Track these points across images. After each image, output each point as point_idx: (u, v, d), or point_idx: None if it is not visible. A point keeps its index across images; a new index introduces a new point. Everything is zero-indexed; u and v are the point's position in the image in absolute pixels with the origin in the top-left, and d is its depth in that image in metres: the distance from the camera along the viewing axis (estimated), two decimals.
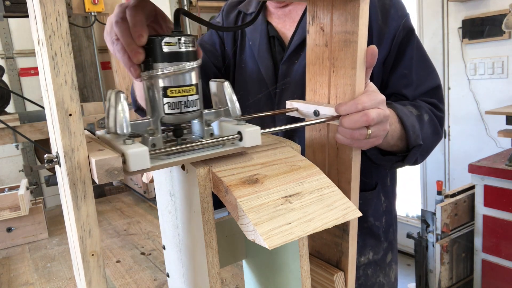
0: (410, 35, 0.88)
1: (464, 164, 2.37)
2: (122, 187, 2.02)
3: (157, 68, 0.48)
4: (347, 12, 0.57)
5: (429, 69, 0.91)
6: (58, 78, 0.38)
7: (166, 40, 0.47)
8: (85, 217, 0.41)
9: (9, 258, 1.29)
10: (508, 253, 2.07)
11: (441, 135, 0.90)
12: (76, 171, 0.40)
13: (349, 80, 0.60)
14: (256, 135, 0.50)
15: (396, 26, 0.86)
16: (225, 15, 1.05)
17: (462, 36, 2.70)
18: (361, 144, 0.62)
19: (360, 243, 0.97)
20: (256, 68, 0.97)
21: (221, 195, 0.48)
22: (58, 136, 0.40)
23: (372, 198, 0.97)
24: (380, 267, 1.02)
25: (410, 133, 0.77)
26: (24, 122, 1.63)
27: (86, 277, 0.43)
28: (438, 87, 0.92)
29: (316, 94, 0.66)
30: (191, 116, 0.51)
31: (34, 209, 1.42)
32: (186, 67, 0.48)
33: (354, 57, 0.58)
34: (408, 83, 0.88)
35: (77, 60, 2.31)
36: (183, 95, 0.49)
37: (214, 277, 0.50)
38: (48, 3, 0.36)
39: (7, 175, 2.22)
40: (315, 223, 0.45)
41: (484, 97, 2.68)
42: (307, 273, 0.57)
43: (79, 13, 1.85)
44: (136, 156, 0.41)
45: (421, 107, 0.86)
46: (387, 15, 0.86)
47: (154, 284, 1.02)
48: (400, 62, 0.88)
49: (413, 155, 0.80)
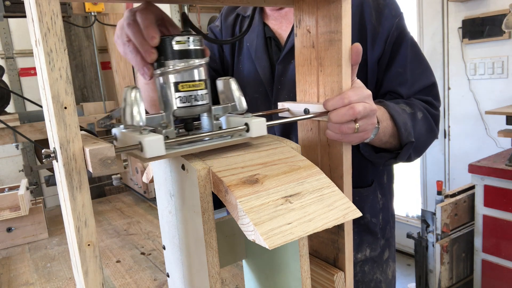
0: (404, 34, 0.90)
1: (464, 164, 2.37)
2: (122, 187, 2.02)
3: (169, 65, 0.52)
4: (330, 13, 0.60)
5: (423, 67, 0.92)
6: (54, 72, 0.40)
7: (177, 39, 0.52)
8: (81, 207, 0.43)
9: (9, 258, 1.29)
10: (508, 253, 2.07)
11: (436, 132, 0.91)
12: (72, 162, 0.41)
13: (336, 78, 0.62)
14: (262, 126, 0.54)
15: (389, 25, 0.88)
16: (223, 18, 1.07)
17: (462, 36, 2.70)
18: (350, 139, 0.63)
19: (357, 239, 0.99)
20: (254, 69, 0.99)
21: (221, 195, 0.48)
22: (54, 128, 0.41)
23: (369, 194, 0.98)
24: (377, 264, 1.03)
25: (402, 130, 0.79)
26: (24, 122, 1.63)
27: (83, 267, 0.44)
28: (433, 85, 0.93)
29: (306, 94, 0.68)
30: (200, 110, 0.55)
31: (34, 209, 1.42)
32: (195, 63, 0.52)
33: (339, 55, 0.60)
34: (403, 81, 0.90)
35: (77, 60, 2.31)
36: (193, 89, 0.53)
37: (214, 277, 0.50)
38: (43, 3, 0.38)
39: (7, 175, 2.22)
40: (315, 223, 0.45)
41: (484, 97, 2.68)
42: (307, 273, 0.57)
43: (79, 13, 1.85)
44: (152, 143, 0.44)
45: (414, 105, 0.87)
46: (381, 14, 0.88)
47: (154, 284, 1.02)
48: (394, 60, 0.89)
49: (405, 152, 0.82)
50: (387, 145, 0.82)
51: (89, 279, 0.44)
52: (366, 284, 1.02)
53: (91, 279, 0.44)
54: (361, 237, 0.99)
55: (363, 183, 0.98)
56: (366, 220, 0.98)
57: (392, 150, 0.84)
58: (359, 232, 0.98)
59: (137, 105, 0.47)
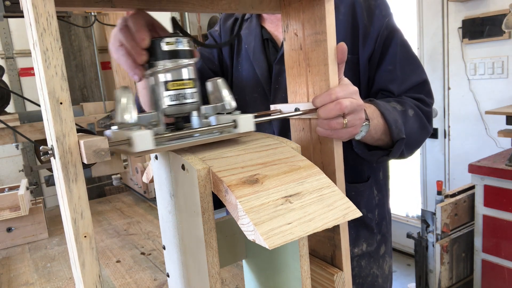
0: (394, 33, 0.93)
1: (464, 164, 2.38)
2: (122, 187, 2.02)
3: (159, 65, 0.54)
4: (315, 15, 0.63)
5: (414, 65, 0.95)
6: (49, 70, 0.42)
7: (166, 40, 0.54)
8: (77, 199, 0.44)
9: (9, 258, 1.29)
10: (508, 253, 2.07)
11: (429, 129, 0.93)
12: (67, 155, 0.43)
13: (323, 76, 0.65)
14: (249, 121, 0.56)
15: (380, 25, 0.91)
16: (222, 23, 1.11)
17: (462, 36, 2.70)
18: (340, 134, 0.64)
19: (354, 234, 1.01)
20: (252, 69, 1.03)
21: (221, 195, 0.49)
22: (51, 123, 0.43)
23: (365, 190, 1.01)
24: (374, 259, 1.05)
25: (393, 128, 0.81)
26: (24, 122, 1.62)
27: (80, 259, 0.45)
28: (424, 82, 0.95)
29: (296, 95, 0.71)
30: (190, 108, 0.56)
31: (34, 209, 1.42)
32: (184, 63, 0.55)
33: (325, 54, 0.63)
34: (393, 79, 0.92)
35: (77, 60, 2.31)
36: (182, 88, 0.55)
37: (214, 277, 0.50)
38: (39, 5, 0.41)
39: (7, 175, 2.22)
40: (315, 223, 0.45)
41: (484, 97, 2.68)
42: (307, 273, 0.57)
43: (79, 13, 1.85)
44: (140, 137, 0.46)
45: (405, 103, 0.90)
46: (372, 15, 0.92)
47: (154, 284, 1.02)
48: (384, 58, 0.92)
49: (397, 148, 0.84)
50: (379, 142, 0.84)
51: (86, 270, 0.45)
52: (363, 279, 1.04)
53: (88, 270, 0.45)
54: (358, 232, 1.02)
55: (359, 179, 1.01)
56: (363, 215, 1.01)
57: (384, 148, 0.86)
58: (355, 226, 1.01)
59: (128, 104, 0.49)
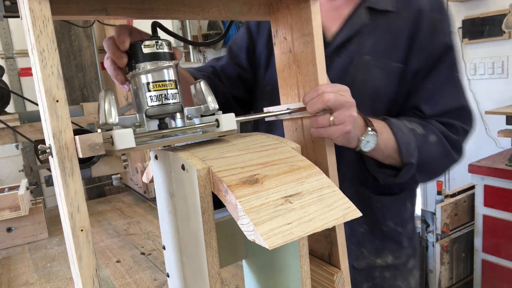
0: (448, 51, 0.88)
1: (464, 164, 2.37)
2: (122, 187, 2.02)
3: (140, 67, 0.56)
4: (302, 18, 0.65)
5: (455, 89, 0.90)
6: (46, 69, 0.44)
7: (146, 43, 0.56)
8: (74, 194, 0.45)
9: (9, 258, 1.29)
10: (508, 253, 2.07)
11: (454, 157, 0.88)
12: (64, 150, 0.45)
13: (312, 76, 0.66)
14: (231, 120, 0.57)
15: (438, 42, 0.87)
16: None
17: (462, 36, 2.70)
18: (329, 132, 0.64)
19: (379, 245, 0.97)
20: None
21: (221, 195, 0.49)
22: (48, 121, 0.45)
23: (394, 202, 0.96)
24: (400, 272, 1.00)
25: (403, 150, 0.78)
26: (24, 122, 1.62)
27: (77, 253, 0.45)
28: (461, 108, 0.90)
29: (288, 97, 0.73)
30: (172, 108, 0.57)
31: (34, 209, 1.42)
32: (164, 64, 0.56)
33: (313, 54, 0.65)
34: (428, 99, 0.88)
35: (77, 60, 2.31)
36: (164, 88, 0.57)
37: (214, 277, 0.50)
38: (36, 9, 0.43)
39: (7, 175, 2.22)
40: (315, 223, 0.45)
41: (484, 97, 2.68)
42: (307, 273, 0.57)
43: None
44: (121, 135, 0.47)
45: (429, 128, 0.85)
46: (434, 29, 0.87)
47: (154, 284, 1.02)
48: (428, 76, 0.88)
49: (405, 172, 0.81)
50: (390, 161, 0.81)
51: (83, 264, 0.46)
52: None
53: (85, 264, 0.46)
54: (384, 243, 0.97)
55: (387, 191, 0.95)
56: (389, 227, 0.96)
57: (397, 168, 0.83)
58: (381, 238, 0.96)
59: (110, 106, 0.50)
